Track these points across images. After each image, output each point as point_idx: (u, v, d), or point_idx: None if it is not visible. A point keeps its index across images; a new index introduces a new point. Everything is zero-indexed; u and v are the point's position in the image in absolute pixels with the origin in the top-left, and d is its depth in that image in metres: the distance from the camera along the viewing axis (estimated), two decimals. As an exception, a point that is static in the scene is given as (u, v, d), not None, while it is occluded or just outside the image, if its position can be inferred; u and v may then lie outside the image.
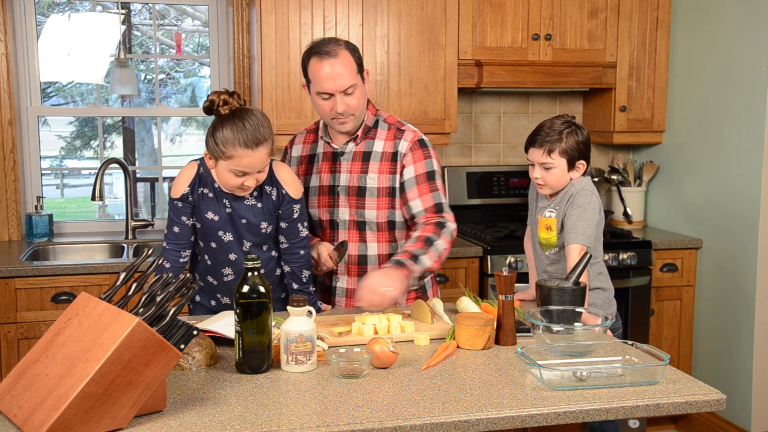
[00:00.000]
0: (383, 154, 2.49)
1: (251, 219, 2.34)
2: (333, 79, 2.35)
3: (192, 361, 1.91)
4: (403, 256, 2.33)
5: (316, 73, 2.37)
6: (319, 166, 2.55)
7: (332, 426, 1.58)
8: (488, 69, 3.70)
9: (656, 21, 3.93)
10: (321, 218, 2.55)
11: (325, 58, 2.36)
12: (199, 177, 2.35)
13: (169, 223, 2.38)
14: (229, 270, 2.40)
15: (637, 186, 4.17)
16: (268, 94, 3.52)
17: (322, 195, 2.54)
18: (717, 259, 3.70)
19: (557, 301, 2.18)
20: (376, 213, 2.49)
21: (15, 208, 3.69)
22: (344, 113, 2.40)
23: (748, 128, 3.48)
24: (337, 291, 2.56)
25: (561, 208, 2.47)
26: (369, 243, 2.52)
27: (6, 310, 3.13)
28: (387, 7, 3.61)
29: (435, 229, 2.41)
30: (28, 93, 3.81)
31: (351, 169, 2.50)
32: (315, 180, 2.56)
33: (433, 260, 2.36)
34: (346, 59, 2.37)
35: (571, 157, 2.46)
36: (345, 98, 2.38)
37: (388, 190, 2.49)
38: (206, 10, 4.05)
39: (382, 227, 2.51)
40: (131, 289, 1.76)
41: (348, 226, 2.52)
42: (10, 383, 1.64)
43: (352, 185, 2.49)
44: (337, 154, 2.53)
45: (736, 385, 3.58)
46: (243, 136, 2.17)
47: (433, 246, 2.37)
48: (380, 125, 2.53)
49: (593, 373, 1.83)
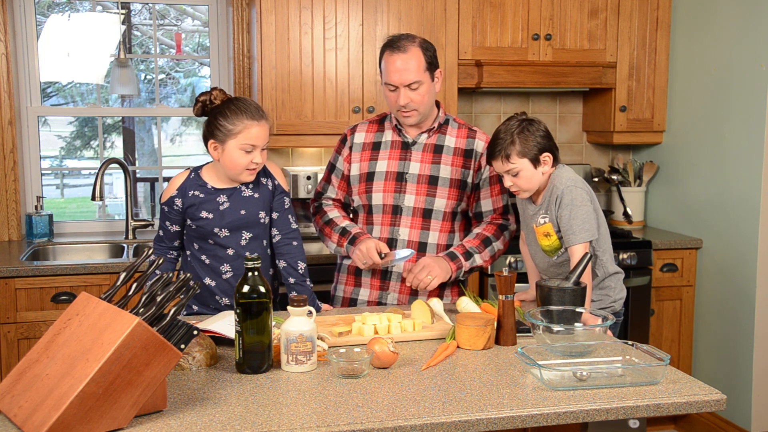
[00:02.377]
0: (456, 149, 2.62)
1: (250, 209, 2.43)
2: (399, 72, 2.47)
3: (192, 361, 1.91)
4: (459, 250, 2.54)
5: (386, 65, 2.51)
6: (387, 153, 2.62)
7: (332, 426, 1.58)
8: (488, 69, 3.70)
9: (656, 21, 3.93)
10: (385, 203, 2.61)
11: (395, 52, 2.49)
12: (189, 182, 2.44)
13: (159, 225, 2.53)
14: (227, 267, 2.44)
15: (637, 186, 4.17)
16: (268, 94, 3.52)
17: (388, 180, 2.60)
18: (717, 259, 3.70)
19: (557, 301, 2.18)
20: (446, 202, 2.59)
21: (15, 208, 3.69)
22: (407, 106, 2.51)
23: (748, 128, 3.48)
24: (393, 276, 2.62)
25: (552, 212, 2.41)
26: (432, 231, 2.60)
27: (6, 310, 3.13)
28: (387, 7, 3.61)
29: (496, 231, 2.62)
30: (28, 93, 3.81)
31: (422, 159, 2.61)
32: (382, 166, 2.62)
33: (485, 260, 2.58)
34: (415, 56, 2.48)
35: (531, 156, 2.38)
36: (409, 92, 2.48)
37: (459, 183, 2.61)
38: (206, 10, 4.05)
39: (447, 217, 2.61)
40: (131, 289, 1.76)
41: (412, 212, 2.59)
42: (10, 383, 1.64)
43: (423, 174, 2.59)
44: (407, 143, 2.62)
45: (736, 385, 3.58)
46: (248, 111, 2.34)
47: (489, 246, 2.59)
48: (451, 123, 2.67)
49: (593, 373, 1.83)
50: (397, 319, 2.20)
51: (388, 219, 2.61)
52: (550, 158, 2.41)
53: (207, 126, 2.40)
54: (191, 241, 2.48)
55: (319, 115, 3.59)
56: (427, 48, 2.52)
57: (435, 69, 2.54)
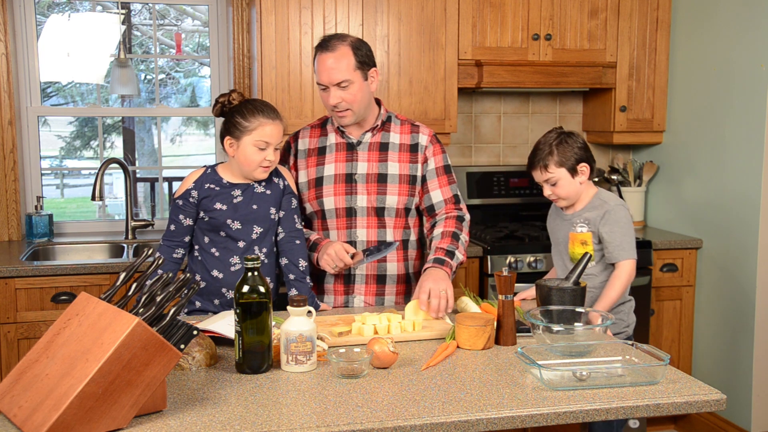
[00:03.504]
0: (401, 145, 2.62)
1: (262, 204, 2.49)
2: (328, 71, 2.47)
3: (192, 361, 1.91)
4: (440, 254, 2.50)
5: (317, 65, 2.52)
6: (333, 156, 2.62)
7: (332, 426, 1.58)
8: (488, 69, 3.70)
9: (656, 21, 3.93)
10: (337, 206, 2.60)
11: (325, 51, 2.49)
12: (205, 176, 2.51)
13: (168, 222, 2.54)
14: (236, 259, 2.49)
15: (637, 186, 4.17)
16: (268, 94, 3.52)
17: (338, 183, 2.60)
18: (717, 259, 3.70)
19: (557, 301, 2.18)
20: (397, 199, 2.59)
21: (15, 208, 3.69)
22: (338, 106, 2.50)
23: (748, 128, 3.48)
24: (357, 279, 2.61)
25: (595, 223, 2.53)
26: (387, 229, 2.60)
27: (6, 310, 3.13)
28: (387, 7, 3.61)
29: (457, 224, 2.59)
30: (28, 93, 3.81)
31: (369, 158, 2.60)
32: (329, 169, 2.61)
33: (462, 254, 2.56)
34: (343, 55, 2.46)
35: (569, 166, 2.53)
36: (339, 91, 2.47)
37: (408, 178, 2.60)
38: (206, 10, 4.05)
39: (400, 213, 2.61)
40: (131, 289, 1.76)
41: (366, 213, 2.59)
42: (10, 383, 1.64)
43: (372, 173, 2.59)
44: (352, 144, 2.62)
45: (736, 385, 3.58)
46: (264, 110, 2.43)
47: (459, 240, 2.56)
48: (393, 120, 2.67)
49: (593, 373, 1.83)
50: (397, 319, 2.20)
51: (344, 222, 2.60)
52: (587, 168, 2.56)
53: (224, 124, 2.48)
54: (202, 234, 2.51)
55: (319, 115, 3.58)
56: (358, 47, 2.49)
57: (369, 68, 2.51)
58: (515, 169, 4.13)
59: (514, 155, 4.22)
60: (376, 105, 2.64)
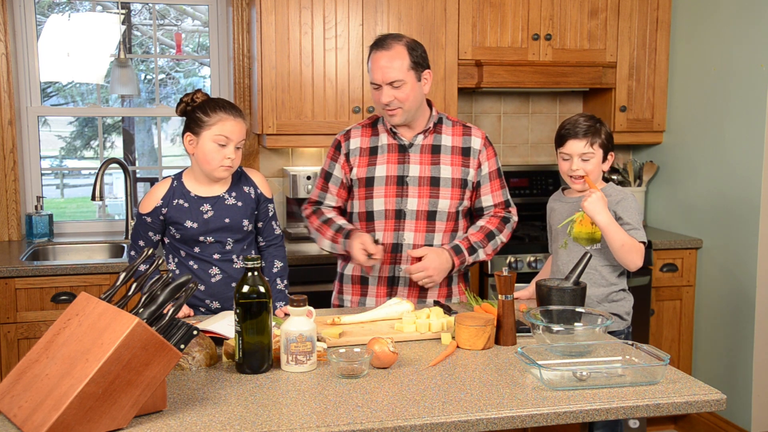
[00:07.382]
0: (453, 148, 2.61)
1: (234, 217, 2.45)
2: (382, 70, 2.46)
3: (192, 361, 1.91)
4: (464, 244, 2.55)
5: (371, 63, 2.50)
6: (385, 157, 2.60)
7: (332, 426, 1.58)
8: (488, 69, 3.70)
9: (656, 21, 3.93)
10: (387, 208, 2.58)
11: (380, 50, 2.48)
12: (173, 191, 2.44)
13: (134, 236, 2.50)
14: (215, 270, 2.47)
15: (637, 186, 4.17)
16: (268, 94, 3.52)
17: (389, 185, 2.58)
18: (717, 259, 3.70)
19: (557, 301, 2.18)
20: (449, 203, 2.58)
21: (15, 208, 3.69)
22: (390, 105, 2.48)
23: (748, 128, 3.48)
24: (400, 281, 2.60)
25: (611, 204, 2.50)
26: (437, 233, 2.58)
27: (6, 310, 3.13)
28: (387, 7, 3.61)
29: (500, 224, 2.64)
30: (28, 93, 3.81)
31: (421, 161, 2.58)
32: (381, 170, 2.59)
33: (487, 254, 2.60)
34: (398, 54, 2.46)
35: (606, 149, 2.55)
36: (391, 90, 2.46)
37: (460, 182, 2.60)
38: (206, 10, 4.05)
39: (451, 217, 2.60)
40: (131, 289, 1.76)
41: (416, 216, 2.57)
42: (10, 383, 1.64)
43: (424, 176, 2.57)
44: (404, 146, 2.60)
45: (736, 385, 3.58)
46: (225, 106, 2.39)
47: (492, 240, 2.60)
48: (444, 122, 2.65)
49: (593, 373, 1.83)
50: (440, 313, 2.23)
51: (392, 224, 2.58)
52: (612, 158, 2.59)
53: (185, 122, 2.45)
54: (176, 248, 2.48)
55: (319, 115, 3.59)
56: (413, 48, 2.49)
57: (423, 69, 2.50)
58: (515, 169, 4.13)
59: (514, 155, 4.22)
60: (427, 107, 2.62)
